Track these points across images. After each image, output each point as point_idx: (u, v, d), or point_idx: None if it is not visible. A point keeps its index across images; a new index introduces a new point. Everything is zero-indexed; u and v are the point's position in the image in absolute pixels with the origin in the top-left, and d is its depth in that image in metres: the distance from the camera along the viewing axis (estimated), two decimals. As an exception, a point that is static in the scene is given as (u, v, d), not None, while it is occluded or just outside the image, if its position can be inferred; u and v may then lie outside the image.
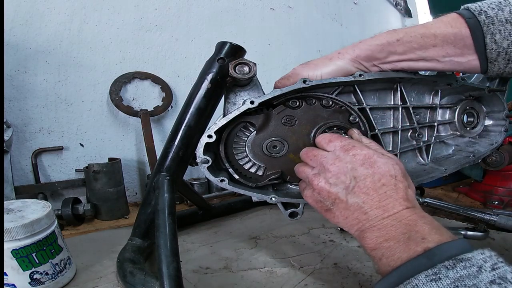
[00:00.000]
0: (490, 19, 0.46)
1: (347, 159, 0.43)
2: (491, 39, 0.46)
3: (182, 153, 0.65)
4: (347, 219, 0.42)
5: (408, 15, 2.59)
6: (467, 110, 0.73)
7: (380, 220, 0.39)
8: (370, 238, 0.39)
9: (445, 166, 0.64)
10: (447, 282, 0.30)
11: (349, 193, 0.42)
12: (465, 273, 0.30)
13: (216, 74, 0.61)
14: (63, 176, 1.10)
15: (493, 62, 0.48)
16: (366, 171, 0.42)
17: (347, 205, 0.42)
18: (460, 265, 0.30)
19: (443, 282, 0.30)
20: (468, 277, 0.29)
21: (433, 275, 0.31)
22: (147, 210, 0.69)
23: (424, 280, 0.31)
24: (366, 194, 0.41)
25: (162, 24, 1.26)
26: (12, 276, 0.55)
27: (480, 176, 1.07)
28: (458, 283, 0.29)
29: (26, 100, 1.03)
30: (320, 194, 0.44)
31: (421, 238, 0.35)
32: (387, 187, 0.41)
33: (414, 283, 0.31)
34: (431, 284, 0.30)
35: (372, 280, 0.61)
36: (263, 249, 0.76)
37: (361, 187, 0.41)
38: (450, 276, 0.30)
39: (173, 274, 0.49)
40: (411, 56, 0.51)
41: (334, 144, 0.46)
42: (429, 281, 0.30)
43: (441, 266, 0.31)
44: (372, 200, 0.40)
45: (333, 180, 0.43)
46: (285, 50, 1.61)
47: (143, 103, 1.22)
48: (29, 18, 1.01)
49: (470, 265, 0.30)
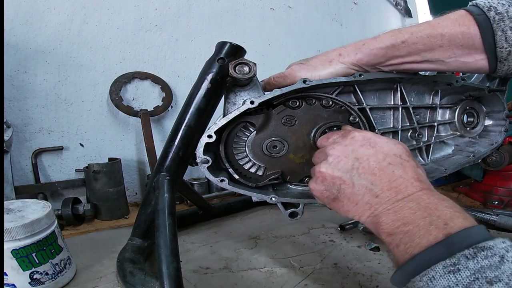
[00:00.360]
0: (500, 16, 0.43)
1: (346, 142, 0.42)
2: (502, 37, 0.44)
3: (182, 153, 0.65)
4: (357, 205, 0.39)
5: (408, 15, 2.59)
6: (467, 110, 0.73)
7: (394, 203, 0.36)
8: (386, 222, 0.35)
9: (445, 166, 0.64)
10: (467, 274, 0.27)
11: (354, 175, 0.39)
12: (486, 264, 0.27)
13: (216, 74, 0.61)
14: (63, 176, 1.10)
15: (503, 62, 0.46)
16: (368, 151, 0.40)
17: (354, 189, 0.39)
18: (481, 255, 0.28)
19: (462, 274, 0.27)
20: (489, 268, 0.27)
21: (452, 266, 0.28)
22: (147, 210, 0.69)
23: (441, 271, 0.28)
24: (373, 175, 0.38)
25: (162, 24, 1.26)
26: (12, 276, 0.55)
27: (480, 176, 1.07)
28: (478, 275, 0.27)
29: (26, 100, 1.03)
30: (323, 182, 0.42)
31: (444, 224, 0.32)
32: (394, 166, 0.38)
33: (430, 275, 0.29)
34: (449, 277, 0.28)
35: (372, 280, 0.61)
36: (263, 249, 0.76)
37: (365, 168, 0.38)
38: (470, 267, 0.27)
39: (173, 274, 0.49)
40: (416, 58, 0.49)
41: (332, 137, 0.46)
42: (446, 273, 0.28)
43: (460, 256, 0.28)
44: (381, 181, 0.37)
45: (334, 164, 0.41)
46: (285, 50, 1.61)
47: (143, 103, 1.22)
48: (29, 18, 1.01)
49: (492, 255, 0.28)
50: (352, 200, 0.39)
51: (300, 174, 0.57)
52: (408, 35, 0.48)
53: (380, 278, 0.62)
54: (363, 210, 0.38)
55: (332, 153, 0.42)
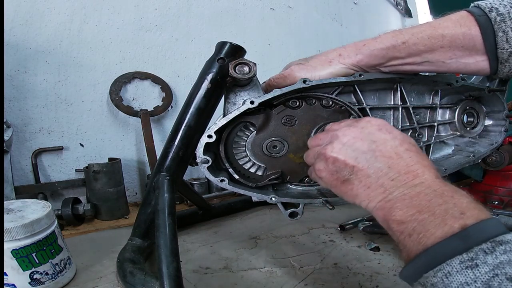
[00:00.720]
0: (501, 17, 0.43)
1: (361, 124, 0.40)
2: (503, 38, 0.44)
3: (182, 153, 0.65)
4: (369, 189, 0.36)
5: (408, 15, 2.59)
6: (467, 110, 0.73)
7: (411, 188, 0.34)
8: (400, 208, 0.33)
9: (445, 166, 0.64)
10: (486, 269, 0.25)
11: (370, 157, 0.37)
12: (505, 259, 0.25)
13: (216, 74, 0.61)
14: (63, 176, 1.10)
15: (504, 63, 0.46)
16: (385, 135, 0.39)
17: (368, 172, 0.37)
18: (500, 249, 0.26)
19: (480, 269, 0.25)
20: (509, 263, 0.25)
21: (469, 261, 0.26)
22: (147, 210, 0.69)
23: (458, 267, 0.26)
24: (390, 158, 0.36)
25: (162, 24, 1.26)
26: (12, 276, 0.55)
27: (480, 176, 1.07)
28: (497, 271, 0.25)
29: (26, 100, 1.03)
30: (335, 164, 0.39)
31: (460, 213, 0.30)
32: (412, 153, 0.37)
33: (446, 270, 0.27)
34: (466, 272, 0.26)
35: (372, 280, 0.61)
36: (263, 249, 0.76)
37: (382, 151, 0.37)
38: (489, 262, 0.26)
39: (173, 274, 0.49)
40: (416, 59, 0.49)
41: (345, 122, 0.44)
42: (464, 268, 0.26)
43: (478, 250, 0.26)
44: (399, 165, 0.35)
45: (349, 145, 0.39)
46: (285, 50, 1.61)
47: (143, 103, 1.22)
48: (29, 18, 1.01)
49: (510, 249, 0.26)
50: (364, 183, 0.37)
51: (300, 174, 0.57)
52: (408, 35, 0.48)
53: (380, 278, 0.62)
54: (375, 194, 0.36)
55: (347, 134, 0.40)
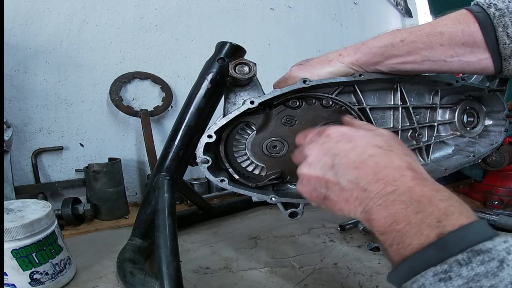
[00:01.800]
0: (500, 12, 0.43)
1: (321, 140, 0.41)
2: (503, 32, 0.43)
3: (182, 153, 0.65)
4: (348, 202, 0.36)
5: (408, 15, 2.59)
6: (467, 110, 0.73)
7: (384, 196, 0.33)
8: (378, 220, 0.33)
9: (445, 166, 0.64)
10: (459, 282, 0.25)
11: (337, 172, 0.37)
12: (482, 271, 0.24)
13: (216, 74, 0.61)
14: (63, 176, 1.10)
15: (508, 59, 0.45)
16: (345, 145, 0.38)
17: (341, 186, 0.37)
18: (477, 260, 0.25)
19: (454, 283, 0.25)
20: (485, 275, 0.24)
21: (443, 274, 0.26)
22: (147, 210, 0.69)
23: (431, 279, 0.26)
24: (356, 169, 0.36)
25: (162, 24, 1.26)
26: (12, 276, 0.55)
27: (480, 176, 1.07)
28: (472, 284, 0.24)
29: (26, 100, 1.03)
30: (310, 182, 0.40)
31: (436, 221, 0.29)
32: (377, 157, 0.36)
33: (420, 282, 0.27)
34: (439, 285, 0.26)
35: (372, 280, 0.61)
36: (263, 249, 0.76)
37: (346, 163, 0.37)
38: (463, 274, 0.25)
39: (173, 274, 0.49)
40: (416, 57, 0.48)
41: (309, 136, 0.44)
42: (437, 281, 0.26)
43: (452, 262, 0.26)
44: (366, 174, 0.35)
45: (314, 164, 0.39)
46: (285, 50, 1.61)
47: (143, 103, 1.22)
48: (29, 18, 1.01)
49: (489, 259, 0.25)
50: (341, 197, 0.37)
51: (300, 174, 0.57)
52: (407, 34, 0.48)
53: (380, 278, 0.62)
54: (354, 206, 0.36)
55: (311, 153, 0.41)
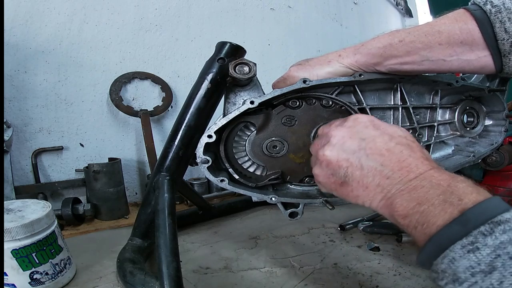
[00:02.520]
0: (496, 8, 0.43)
1: (349, 124, 0.41)
2: (501, 28, 0.43)
3: (182, 153, 0.65)
4: (368, 189, 0.37)
5: (408, 15, 2.59)
6: (467, 110, 0.73)
7: (407, 182, 0.34)
8: (401, 204, 0.34)
9: (445, 166, 0.64)
10: (487, 251, 0.26)
11: (361, 156, 0.37)
12: (506, 239, 0.26)
13: (216, 74, 0.61)
14: (63, 176, 1.10)
15: (507, 56, 0.45)
16: (373, 132, 0.39)
17: (363, 171, 0.37)
18: (499, 229, 0.26)
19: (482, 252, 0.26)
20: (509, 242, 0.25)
21: (470, 245, 0.27)
22: (147, 210, 0.69)
23: (460, 252, 0.27)
24: (381, 155, 0.36)
25: (162, 24, 1.26)
26: (12, 276, 0.55)
27: (480, 176, 1.07)
28: (499, 252, 0.25)
29: (26, 100, 1.03)
30: (329, 166, 0.40)
31: (458, 199, 0.31)
32: (402, 147, 0.37)
33: (450, 256, 0.28)
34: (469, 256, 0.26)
35: (372, 280, 0.61)
36: (263, 249, 0.76)
37: (373, 148, 0.37)
38: (489, 243, 0.26)
39: (173, 274, 0.49)
40: (415, 58, 0.48)
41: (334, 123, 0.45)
42: (466, 253, 0.27)
43: (477, 233, 0.27)
44: (391, 161, 0.36)
45: (339, 145, 0.39)
46: (285, 50, 1.61)
47: (143, 103, 1.22)
48: (29, 18, 1.01)
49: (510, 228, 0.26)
50: (361, 183, 0.37)
51: (300, 174, 0.57)
52: (405, 34, 0.48)
53: (380, 278, 0.62)
54: (374, 194, 0.36)
55: (336, 135, 0.41)
